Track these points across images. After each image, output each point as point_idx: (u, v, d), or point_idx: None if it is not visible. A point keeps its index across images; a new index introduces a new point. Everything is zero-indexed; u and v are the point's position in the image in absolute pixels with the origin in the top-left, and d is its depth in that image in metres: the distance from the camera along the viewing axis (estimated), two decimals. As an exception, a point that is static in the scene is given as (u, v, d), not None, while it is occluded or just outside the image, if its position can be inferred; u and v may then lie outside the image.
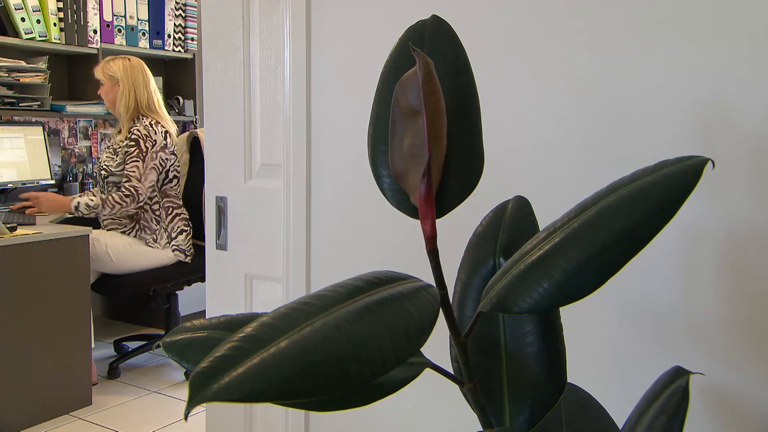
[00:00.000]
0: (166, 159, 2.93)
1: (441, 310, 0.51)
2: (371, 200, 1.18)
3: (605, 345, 0.93)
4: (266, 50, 1.40)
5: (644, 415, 0.56)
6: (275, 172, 1.39)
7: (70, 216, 2.92)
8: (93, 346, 2.74)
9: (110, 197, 2.76)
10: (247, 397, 0.39)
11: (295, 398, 0.40)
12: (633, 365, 0.89)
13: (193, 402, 0.38)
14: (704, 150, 0.85)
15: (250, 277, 1.45)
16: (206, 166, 1.51)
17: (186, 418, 0.37)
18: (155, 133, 2.88)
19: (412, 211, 0.57)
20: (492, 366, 0.62)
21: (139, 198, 2.80)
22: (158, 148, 2.87)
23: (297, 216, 1.28)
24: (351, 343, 0.43)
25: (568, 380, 0.61)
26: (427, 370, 0.56)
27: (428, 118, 0.54)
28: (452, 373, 0.60)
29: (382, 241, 1.17)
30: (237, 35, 1.42)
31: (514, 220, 0.68)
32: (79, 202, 2.75)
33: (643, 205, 0.49)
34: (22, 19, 3.18)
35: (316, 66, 1.23)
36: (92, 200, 2.75)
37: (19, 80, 3.25)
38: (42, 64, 3.35)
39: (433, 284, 0.54)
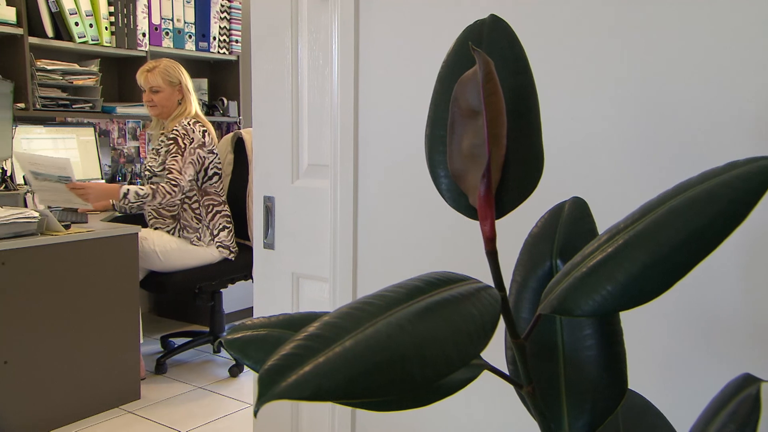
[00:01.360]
0: (205, 156, 2.98)
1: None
2: (419, 201, 1.18)
3: (663, 349, 0.90)
4: (314, 51, 1.41)
5: (711, 423, 0.55)
6: (322, 172, 1.40)
7: (120, 215, 3.00)
8: (141, 341, 2.81)
9: (160, 187, 2.79)
10: (315, 396, 0.39)
11: (361, 398, 0.41)
12: (692, 371, 0.87)
13: (262, 399, 0.38)
14: (765, 150, 0.82)
15: (297, 276, 1.47)
16: (254, 166, 1.53)
17: (255, 414, 0.38)
18: (194, 132, 2.93)
19: (470, 212, 0.57)
20: (549, 369, 0.61)
21: (182, 189, 2.83)
22: (196, 145, 2.91)
23: (344, 216, 1.29)
24: (415, 343, 0.43)
25: (627, 385, 0.60)
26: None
27: (488, 118, 0.53)
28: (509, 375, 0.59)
29: (429, 242, 1.17)
30: (285, 36, 1.44)
31: (570, 221, 0.67)
32: (129, 189, 2.74)
33: (713, 207, 0.47)
34: (76, 24, 3.28)
35: (363, 66, 1.24)
36: (143, 189, 2.76)
37: (72, 83, 3.36)
38: (94, 67, 3.45)
39: (491, 285, 0.54)
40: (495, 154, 0.54)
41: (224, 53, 4.04)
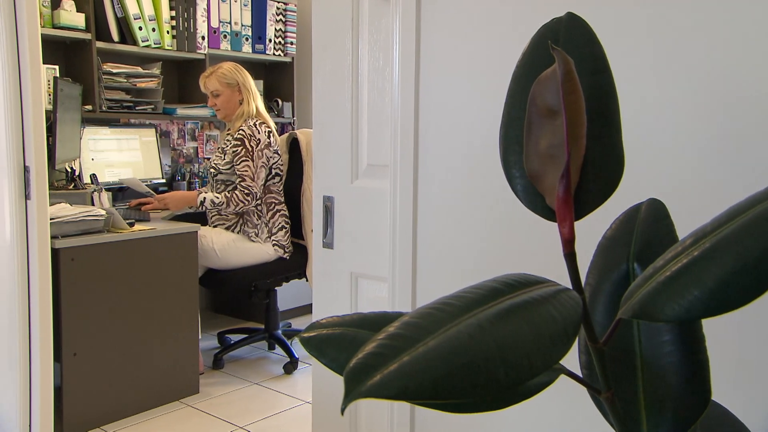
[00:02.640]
0: (270, 157, 3.04)
1: (580, 315, 0.50)
2: (480, 201, 1.17)
3: (744, 358, 0.87)
4: (374, 52, 1.42)
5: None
6: (382, 172, 1.41)
7: (179, 212, 3.09)
8: (199, 337, 2.88)
9: (234, 195, 2.90)
10: (400, 395, 0.39)
11: (444, 399, 0.41)
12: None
13: (349, 398, 0.39)
14: None
15: (356, 276, 1.48)
16: (314, 165, 1.55)
17: (342, 412, 0.38)
18: (259, 133, 2.99)
19: (547, 213, 0.56)
20: (626, 375, 0.60)
21: (256, 196, 2.94)
22: (263, 146, 2.98)
23: (403, 216, 1.29)
24: (498, 345, 0.43)
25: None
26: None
27: (567, 118, 0.53)
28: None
29: (491, 243, 1.16)
30: (346, 38, 1.45)
31: (648, 223, 0.65)
32: (205, 197, 2.92)
33: (810, 210, 0.45)
34: (140, 28, 3.39)
35: (424, 67, 1.24)
36: (218, 197, 2.91)
37: (135, 85, 3.47)
38: (156, 70, 3.57)
39: (569, 287, 0.53)
40: (574, 155, 0.53)
41: (279, 55, 4.11)
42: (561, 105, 0.53)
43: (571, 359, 0.63)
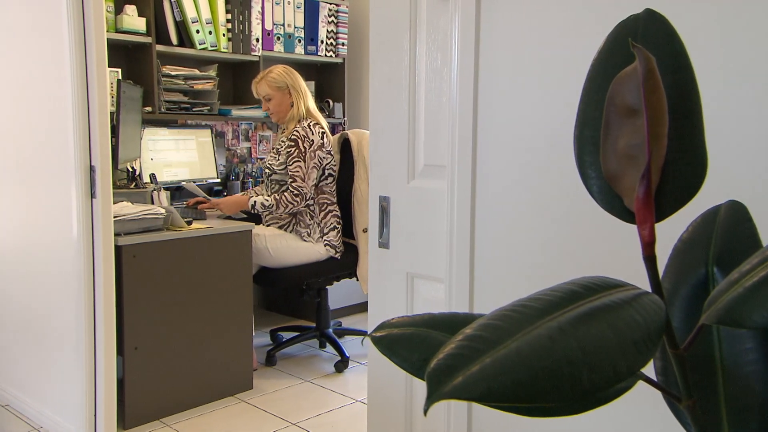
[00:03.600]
0: (323, 157, 3.08)
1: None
2: (541, 202, 1.15)
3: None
4: (432, 52, 1.41)
5: None
6: (438, 172, 1.40)
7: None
8: (253, 334, 2.94)
9: (283, 197, 2.96)
10: (484, 397, 0.39)
11: (526, 402, 0.40)
12: None
13: (432, 398, 0.39)
14: None
15: (412, 276, 1.48)
16: (370, 166, 1.56)
17: (425, 413, 0.38)
18: (312, 134, 3.03)
19: (625, 215, 0.55)
20: (705, 383, 0.58)
21: (306, 197, 2.98)
22: (315, 147, 3.02)
23: (461, 217, 1.28)
24: (581, 349, 0.42)
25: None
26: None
27: (649, 117, 0.51)
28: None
29: (551, 244, 1.14)
30: (404, 38, 1.45)
31: (728, 226, 0.63)
32: (256, 201, 3.00)
33: None
34: (197, 31, 3.48)
35: (484, 66, 1.23)
36: (267, 200, 2.98)
37: (192, 87, 3.56)
38: (212, 72, 3.65)
39: (649, 291, 0.52)
40: (655, 155, 0.52)
41: (331, 56, 4.15)
42: (642, 104, 0.51)
43: (647, 365, 0.62)
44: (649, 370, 0.60)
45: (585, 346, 0.42)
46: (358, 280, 3.29)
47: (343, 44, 4.19)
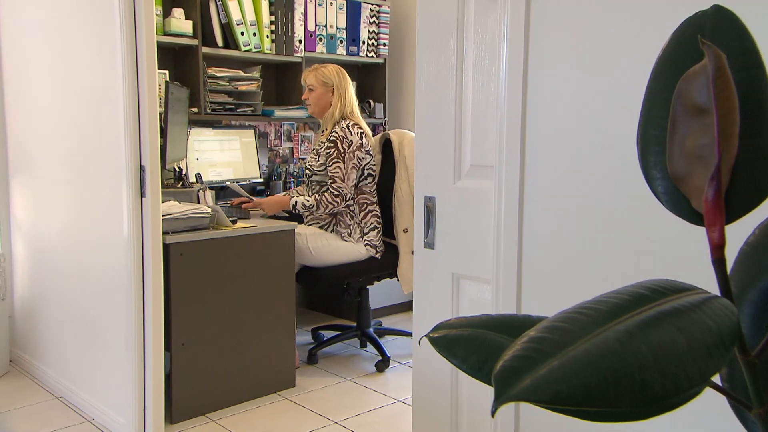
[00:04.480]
0: (363, 158, 3.09)
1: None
2: (591, 203, 1.13)
3: None
4: (480, 51, 1.40)
5: None
6: (485, 173, 1.39)
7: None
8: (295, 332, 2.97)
9: (324, 197, 2.99)
10: (552, 400, 0.39)
11: (596, 406, 0.39)
12: None
13: (500, 400, 0.39)
14: None
15: (457, 276, 1.47)
16: (416, 166, 1.56)
17: (493, 415, 0.38)
18: (351, 134, 3.05)
19: (693, 217, 0.54)
20: (775, 390, 0.56)
21: (346, 197, 3.01)
22: (354, 148, 3.03)
23: (509, 218, 1.27)
24: (651, 353, 0.41)
25: None
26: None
27: (719, 116, 0.50)
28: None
29: (602, 246, 1.12)
30: (451, 38, 1.45)
31: (798, 229, 0.61)
32: (297, 201, 3.03)
33: None
34: (242, 33, 3.53)
35: (533, 65, 1.21)
36: (308, 200, 3.02)
37: (237, 88, 3.62)
38: (256, 73, 3.70)
39: (719, 295, 0.50)
40: (726, 155, 0.51)
41: (372, 56, 4.16)
42: (712, 102, 0.50)
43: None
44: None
45: (656, 351, 0.41)
46: (398, 280, 3.29)
47: (384, 45, 4.20)
